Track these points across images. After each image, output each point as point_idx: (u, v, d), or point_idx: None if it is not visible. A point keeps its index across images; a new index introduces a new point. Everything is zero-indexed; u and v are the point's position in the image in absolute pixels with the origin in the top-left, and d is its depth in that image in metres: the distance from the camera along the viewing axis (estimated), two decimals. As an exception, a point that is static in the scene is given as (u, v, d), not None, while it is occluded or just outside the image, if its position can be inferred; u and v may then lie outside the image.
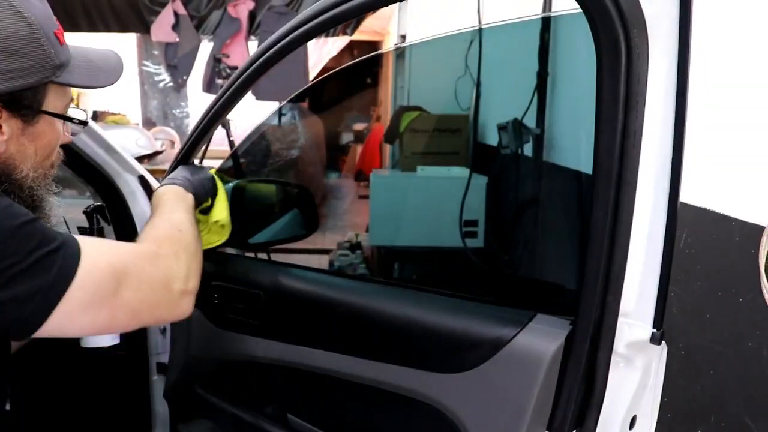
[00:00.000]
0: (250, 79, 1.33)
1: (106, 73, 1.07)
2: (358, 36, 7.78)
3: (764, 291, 0.82)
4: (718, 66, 1.43)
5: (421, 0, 4.85)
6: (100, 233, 1.39)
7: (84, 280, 0.90)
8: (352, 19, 1.17)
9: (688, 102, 0.89)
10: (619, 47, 0.85)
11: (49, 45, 0.94)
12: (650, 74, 0.87)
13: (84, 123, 1.09)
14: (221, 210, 1.43)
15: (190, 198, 1.30)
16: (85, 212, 1.43)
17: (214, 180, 1.43)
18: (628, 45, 0.85)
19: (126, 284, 0.96)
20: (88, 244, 0.94)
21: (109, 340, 1.38)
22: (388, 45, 8.75)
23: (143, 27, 6.94)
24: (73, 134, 1.12)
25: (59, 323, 0.89)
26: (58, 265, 0.88)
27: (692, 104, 0.91)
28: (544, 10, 2.61)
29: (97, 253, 0.95)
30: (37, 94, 0.96)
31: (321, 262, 4.63)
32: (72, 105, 1.07)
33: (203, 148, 1.60)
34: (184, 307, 1.09)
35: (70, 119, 1.05)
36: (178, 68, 7.16)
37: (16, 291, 0.84)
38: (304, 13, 1.22)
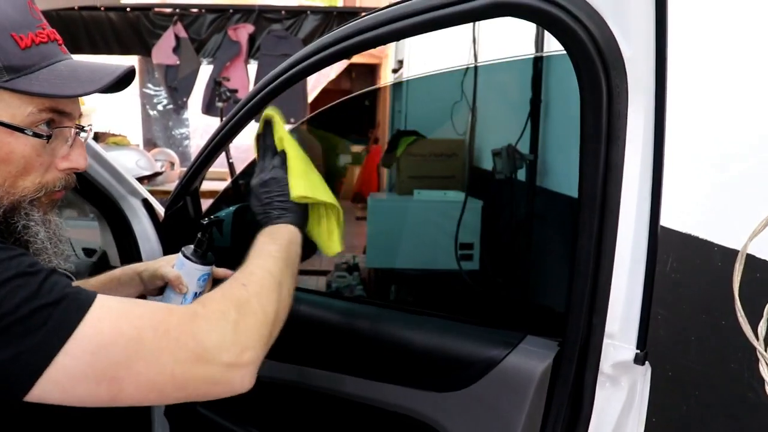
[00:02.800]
0: (255, 109, 1.38)
1: (81, 82, 0.90)
2: (356, 59, 7.88)
3: (738, 314, 0.87)
4: (696, 100, 1.49)
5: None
6: (208, 247, 1.30)
7: (78, 343, 0.76)
8: (359, 52, 1.23)
9: (667, 136, 0.94)
10: (600, 87, 0.91)
11: None
12: (630, 111, 0.92)
13: (39, 136, 0.89)
14: (297, 181, 1.17)
15: (290, 230, 1.12)
16: (200, 224, 1.35)
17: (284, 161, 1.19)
18: (609, 85, 0.91)
19: (139, 354, 0.80)
20: (98, 304, 0.80)
21: None
22: (386, 68, 8.84)
23: (144, 50, 7.03)
24: (75, 167, 0.96)
25: (46, 392, 0.76)
26: (51, 324, 0.76)
27: (672, 137, 0.96)
28: (536, 51, 2.70)
29: (105, 313, 0.80)
30: None
31: (318, 283, 4.66)
32: (88, 126, 0.98)
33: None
34: (235, 383, 0.87)
35: (20, 130, 0.87)
36: (178, 90, 7.23)
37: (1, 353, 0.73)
38: (310, 46, 1.27)
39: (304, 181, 1.17)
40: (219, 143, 1.51)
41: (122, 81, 0.94)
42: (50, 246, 0.95)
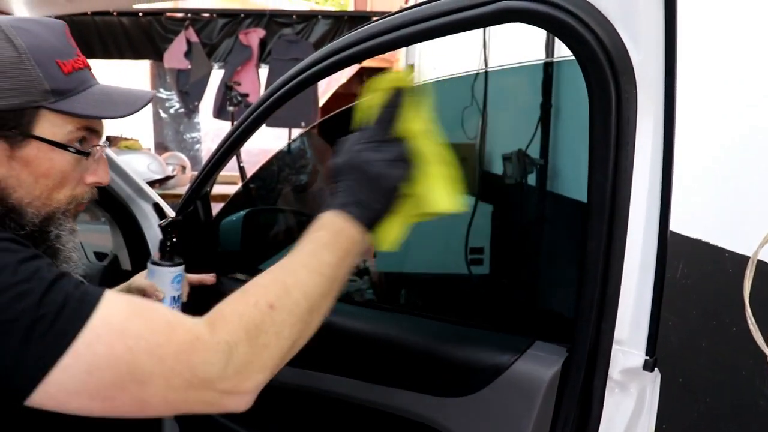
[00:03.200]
0: (266, 114, 1.39)
1: (117, 106, 1.01)
2: (367, 63, 7.90)
3: (749, 320, 0.87)
4: (705, 106, 1.49)
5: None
6: (173, 248, 1.34)
7: (71, 363, 0.77)
8: (370, 57, 1.23)
9: (677, 140, 0.94)
10: (609, 92, 0.91)
11: (39, 70, 0.93)
12: (639, 116, 0.92)
13: (82, 153, 0.99)
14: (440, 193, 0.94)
15: (353, 231, 0.95)
16: (160, 226, 1.38)
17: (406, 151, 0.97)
18: (618, 90, 0.91)
19: (133, 378, 0.79)
20: (96, 318, 0.79)
21: None
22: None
23: (156, 54, 7.06)
24: (100, 182, 1.04)
25: (45, 400, 0.78)
26: (49, 337, 0.77)
27: (683, 143, 0.96)
28: (546, 56, 2.71)
29: (104, 332, 0.79)
30: (22, 117, 0.93)
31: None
32: (104, 142, 1.05)
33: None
34: (230, 407, 0.85)
35: (65, 147, 0.97)
36: (190, 94, 7.26)
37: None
38: (321, 51, 1.28)
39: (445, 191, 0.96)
40: (230, 147, 1.52)
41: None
42: (75, 254, 1.03)
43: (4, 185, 0.94)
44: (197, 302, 1.62)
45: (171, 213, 1.93)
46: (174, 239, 1.33)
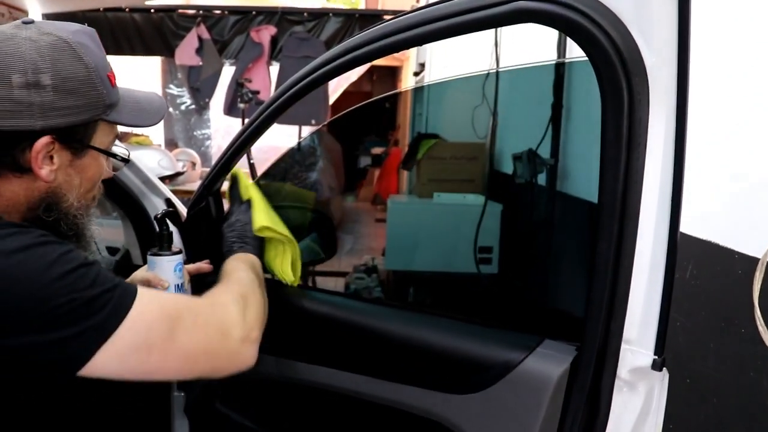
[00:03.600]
0: (277, 112, 1.40)
1: (150, 114, 1.14)
2: (377, 61, 7.90)
3: (758, 322, 0.87)
4: (717, 109, 1.50)
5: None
6: (170, 238, 1.40)
7: (135, 320, 0.92)
8: (382, 56, 1.24)
9: (688, 142, 0.95)
10: (621, 93, 0.91)
11: (102, 86, 1.02)
12: (651, 118, 0.93)
13: (126, 160, 1.17)
14: (259, 215, 1.41)
15: (250, 257, 1.34)
16: (155, 218, 1.44)
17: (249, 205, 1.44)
18: (630, 91, 0.91)
19: (180, 329, 0.98)
20: (142, 291, 0.97)
21: None
22: (407, 71, 8.86)
23: (168, 51, 7.08)
24: (115, 170, 1.19)
25: (105, 363, 0.91)
26: (111, 305, 0.91)
27: (694, 145, 0.97)
28: (558, 57, 2.71)
29: (150, 298, 0.98)
30: (87, 130, 1.04)
31: (337, 284, 4.68)
32: (117, 143, 1.15)
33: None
34: (246, 356, 1.08)
35: (114, 155, 1.13)
36: (201, 91, 7.28)
37: (65, 332, 0.87)
38: (333, 50, 1.29)
39: (265, 215, 1.40)
40: (242, 144, 1.53)
41: None
42: (93, 243, 1.15)
43: (60, 191, 1.05)
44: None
45: (183, 209, 1.94)
46: (169, 229, 1.36)
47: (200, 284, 1.66)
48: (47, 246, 0.92)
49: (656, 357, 1.06)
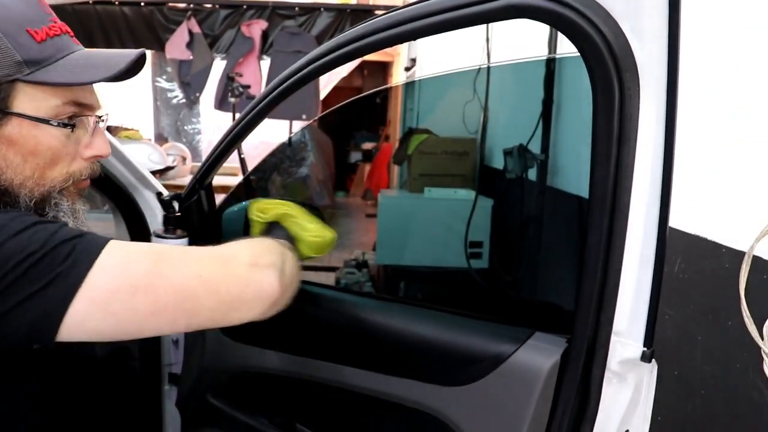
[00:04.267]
0: (269, 107, 1.40)
1: (97, 69, 0.93)
2: (368, 56, 7.89)
3: (744, 314, 0.89)
4: (707, 104, 1.51)
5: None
6: (176, 221, 1.35)
7: (107, 262, 0.81)
8: (373, 52, 1.25)
9: (678, 138, 0.96)
10: (612, 89, 0.92)
11: (6, 41, 0.87)
12: (641, 113, 0.94)
13: (66, 125, 0.94)
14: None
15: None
16: (161, 200, 1.40)
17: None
18: (621, 87, 0.92)
19: (165, 262, 0.86)
20: (115, 240, 0.85)
21: None
22: (398, 66, 8.85)
23: (158, 44, 7.06)
24: (99, 155, 1.01)
25: (87, 315, 0.80)
26: (76, 253, 0.80)
27: (683, 141, 0.98)
28: (549, 52, 2.72)
29: (126, 243, 0.86)
30: None
31: (328, 279, 4.69)
32: (104, 114, 1.01)
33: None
34: (261, 281, 0.93)
35: (45, 121, 0.91)
36: (191, 85, 7.27)
37: (31, 288, 0.77)
38: (325, 45, 1.29)
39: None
40: (234, 139, 1.53)
41: (135, 66, 0.97)
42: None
43: None
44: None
45: (173, 204, 1.94)
46: (177, 213, 1.33)
47: None
48: (1, 216, 0.81)
49: (645, 349, 1.07)
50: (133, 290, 0.82)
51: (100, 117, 1.01)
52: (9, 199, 0.92)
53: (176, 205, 1.36)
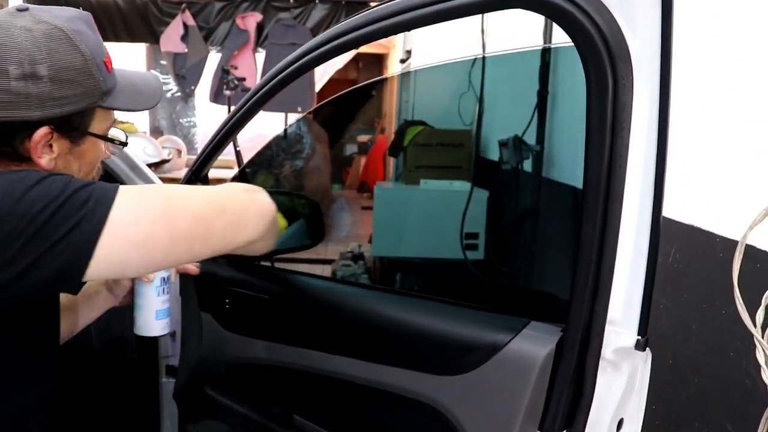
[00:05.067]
0: (264, 99, 1.40)
1: (146, 97, 1.15)
2: (363, 48, 7.87)
3: (737, 302, 0.89)
4: (700, 93, 1.52)
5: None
6: None
7: (125, 200, 0.89)
8: (368, 43, 1.25)
9: (671, 127, 0.97)
10: (606, 78, 0.93)
11: (99, 74, 1.02)
12: (635, 102, 0.94)
13: (124, 144, 1.15)
14: None
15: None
16: None
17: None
18: (615, 76, 0.93)
19: (175, 196, 0.97)
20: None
21: (159, 330, 1.36)
22: (394, 58, 8.84)
23: (152, 37, 7.04)
24: (113, 153, 1.19)
25: (111, 248, 0.87)
26: (94, 197, 0.87)
27: (678, 130, 0.99)
28: (544, 42, 2.72)
29: (135, 186, 0.98)
30: (84, 117, 1.04)
31: (324, 271, 4.69)
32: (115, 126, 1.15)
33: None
34: (262, 201, 1.09)
35: (112, 140, 1.13)
36: (186, 78, 7.25)
37: (57, 234, 0.84)
38: (319, 37, 1.29)
39: None
40: (229, 131, 1.53)
41: None
42: None
43: None
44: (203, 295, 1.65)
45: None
46: None
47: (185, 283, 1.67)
48: (14, 173, 0.89)
49: (640, 337, 1.08)
50: (152, 220, 0.92)
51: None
52: None
53: None
